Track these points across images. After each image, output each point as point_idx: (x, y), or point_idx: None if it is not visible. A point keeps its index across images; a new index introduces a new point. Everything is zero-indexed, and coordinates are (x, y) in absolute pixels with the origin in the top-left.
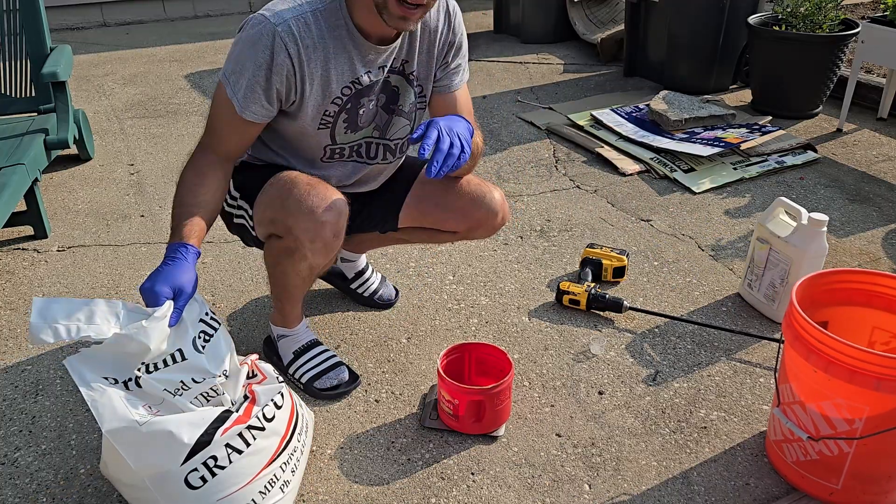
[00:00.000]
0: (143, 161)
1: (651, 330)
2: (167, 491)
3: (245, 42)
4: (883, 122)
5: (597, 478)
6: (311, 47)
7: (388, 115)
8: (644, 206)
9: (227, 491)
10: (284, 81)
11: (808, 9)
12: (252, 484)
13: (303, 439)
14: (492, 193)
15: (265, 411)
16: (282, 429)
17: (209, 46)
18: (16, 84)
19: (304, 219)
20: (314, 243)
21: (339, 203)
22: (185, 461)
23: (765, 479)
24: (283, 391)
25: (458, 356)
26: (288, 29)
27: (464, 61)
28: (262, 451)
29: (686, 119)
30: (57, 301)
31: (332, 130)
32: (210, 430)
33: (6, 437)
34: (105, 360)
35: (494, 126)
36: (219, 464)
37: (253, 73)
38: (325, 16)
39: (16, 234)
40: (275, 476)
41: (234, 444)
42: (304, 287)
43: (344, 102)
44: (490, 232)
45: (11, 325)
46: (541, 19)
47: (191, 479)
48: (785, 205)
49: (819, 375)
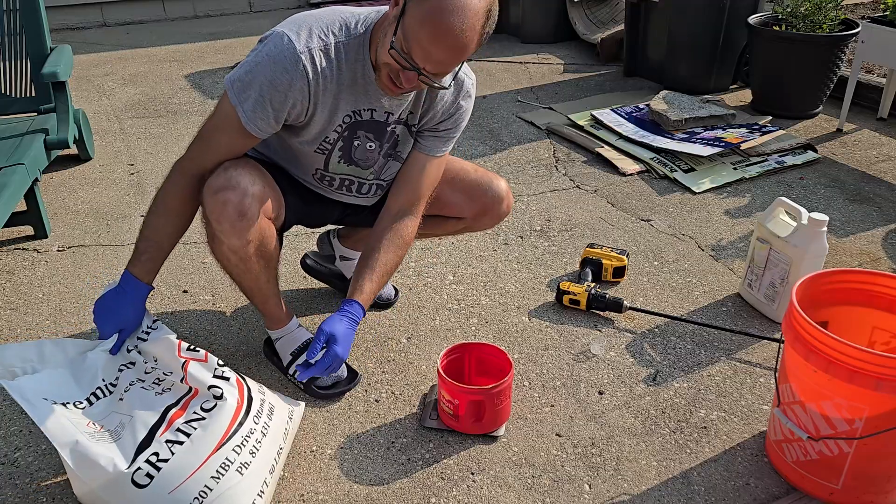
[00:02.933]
0: (143, 161)
1: (651, 330)
2: (118, 493)
3: (266, 59)
4: (883, 122)
5: (597, 478)
6: (329, 78)
7: (385, 161)
8: (644, 206)
9: (176, 482)
10: (297, 106)
11: (809, 9)
12: (201, 471)
13: (262, 421)
14: (497, 181)
15: (203, 404)
16: (228, 413)
17: (209, 46)
18: (16, 84)
19: (209, 199)
20: (221, 224)
21: (244, 182)
22: (130, 464)
23: (765, 479)
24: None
25: (458, 356)
26: (311, 60)
27: (453, 136)
28: (206, 437)
29: (686, 119)
30: (8, 347)
31: (328, 157)
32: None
33: (6, 437)
34: (51, 384)
35: (494, 126)
36: (161, 458)
37: (268, 92)
38: (348, 49)
39: (16, 234)
40: (227, 459)
41: (172, 438)
42: (253, 279)
43: (342, 131)
44: (495, 220)
45: (11, 325)
46: (541, 19)
47: (137, 479)
48: (785, 205)
49: (819, 375)
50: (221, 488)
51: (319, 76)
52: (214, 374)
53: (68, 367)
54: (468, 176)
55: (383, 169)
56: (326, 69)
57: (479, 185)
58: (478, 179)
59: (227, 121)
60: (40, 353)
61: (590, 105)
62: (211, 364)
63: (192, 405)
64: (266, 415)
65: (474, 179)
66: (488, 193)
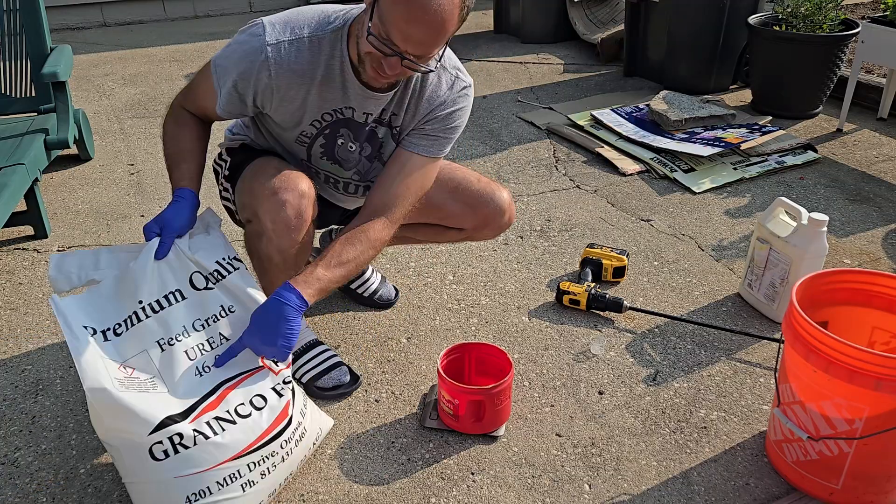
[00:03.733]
0: (143, 161)
1: (651, 330)
2: (131, 454)
3: (237, 46)
4: (883, 122)
5: (597, 478)
6: (299, 72)
7: (370, 164)
8: (644, 206)
9: (185, 471)
10: (260, 94)
11: (809, 9)
12: (211, 472)
13: (289, 447)
14: (500, 192)
15: (238, 408)
16: (258, 429)
17: (209, 46)
18: (16, 84)
19: (266, 200)
20: (276, 224)
21: (303, 185)
22: (152, 432)
23: (765, 479)
24: (276, 392)
25: (458, 356)
26: (277, 51)
27: (444, 139)
28: (230, 444)
29: (686, 119)
30: (70, 255)
31: (309, 149)
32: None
33: (6, 437)
34: (93, 305)
35: (494, 126)
36: (183, 442)
37: (233, 79)
38: (323, 43)
39: (16, 233)
40: (237, 472)
41: (201, 429)
42: (284, 276)
43: (322, 127)
44: (496, 231)
45: (11, 325)
46: (541, 19)
47: (154, 451)
48: (785, 205)
49: (819, 375)
50: (220, 496)
51: (284, 68)
52: (273, 385)
53: (115, 280)
54: (470, 186)
55: (369, 171)
56: (294, 61)
57: (480, 197)
58: (480, 190)
59: (208, 96)
60: (96, 262)
61: (590, 105)
62: (282, 375)
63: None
64: (294, 441)
65: (476, 190)
66: (490, 205)
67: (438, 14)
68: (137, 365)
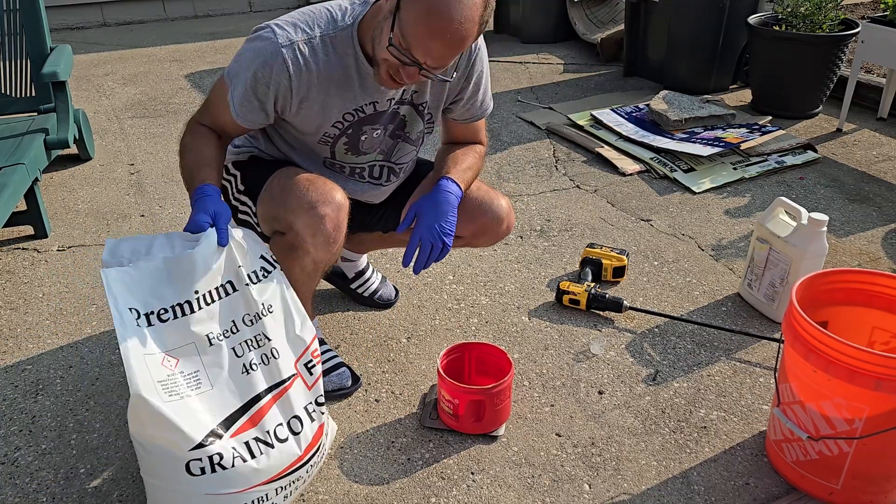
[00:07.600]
0: (143, 161)
1: (651, 330)
2: (166, 463)
3: (250, 52)
4: (883, 122)
5: (597, 478)
6: (315, 73)
7: (393, 141)
8: (644, 206)
9: (218, 490)
10: (281, 99)
11: (809, 9)
12: (242, 494)
13: (311, 472)
14: (499, 200)
15: (277, 430)
16: (293, 455)
17: (209, 46)
18: (16, 84)
19: (304, 214)
20: (315, 238)
21: (339, 197)
22: (193, 449)
23: (765, 479)
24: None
25: (458, 356)
26: (293, 52)
27: (482, 95)
28: (265, 469)
29: (686, 119)
30: (125, 240)
31: (332, 147)
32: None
33: (6, 436)
34: (142, 285)
35: (494, 126)
36: (222, 463)
37: (251, 85)
38: (336, 42)
39: (16, 233)
40: (265, 495)
41: (240, 451)
42: (311, 284)
43: (345, 127)
44: (494, 239)
45: (11, 325)
46: (541, 19)
47: (192, 467)
48: (785, 205)
49: (819, 375)
50: None
51: (302, 69)
52: (307, 404)
53: (164, 262)
54: (469, 194)
55: (393, 150)
56: (311, 61)
57: (479, 205)
58: (479, 198)
59: (223, 109)
60: (149, 247)
61: (590, 105)
62: (315, 392)
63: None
64: (318, 466)
65: (475, 198)
66: (488, 214)
67: (460, 32)
68: (182, 356)
